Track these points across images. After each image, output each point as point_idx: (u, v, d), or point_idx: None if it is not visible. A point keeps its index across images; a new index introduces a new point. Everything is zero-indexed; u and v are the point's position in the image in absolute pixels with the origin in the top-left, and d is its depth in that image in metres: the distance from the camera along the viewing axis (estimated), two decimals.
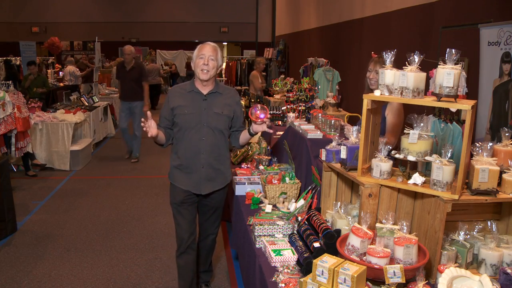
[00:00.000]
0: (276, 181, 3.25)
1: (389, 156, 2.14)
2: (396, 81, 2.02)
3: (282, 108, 4.75)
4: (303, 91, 4.51)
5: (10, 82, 6.34)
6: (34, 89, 8.32)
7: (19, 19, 18.56)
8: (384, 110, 3.08)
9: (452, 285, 1.78)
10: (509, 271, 1.83)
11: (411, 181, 2.03)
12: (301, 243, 2.38)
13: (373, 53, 3.17)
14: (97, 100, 9.34)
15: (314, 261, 1.82)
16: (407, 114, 2.16)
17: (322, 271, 1.77)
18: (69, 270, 3.81)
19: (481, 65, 3.83)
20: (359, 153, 2.16)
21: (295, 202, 3.02)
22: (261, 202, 3.21)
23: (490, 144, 2.03)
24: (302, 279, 1.85)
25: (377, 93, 2.08)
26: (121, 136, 7.82)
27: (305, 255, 2.22)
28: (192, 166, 2.91)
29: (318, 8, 10.31)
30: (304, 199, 2.98)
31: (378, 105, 2.21)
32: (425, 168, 2.25)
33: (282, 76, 9.45)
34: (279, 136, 4.29)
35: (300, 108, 4.42)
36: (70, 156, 6.87)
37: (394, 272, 1.80)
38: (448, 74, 1.90)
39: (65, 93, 9.00)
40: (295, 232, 2.59)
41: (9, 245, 4.27)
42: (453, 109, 2.67)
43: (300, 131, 3.63)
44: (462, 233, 2.07)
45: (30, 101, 7.34)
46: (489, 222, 2.07)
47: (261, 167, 3.80)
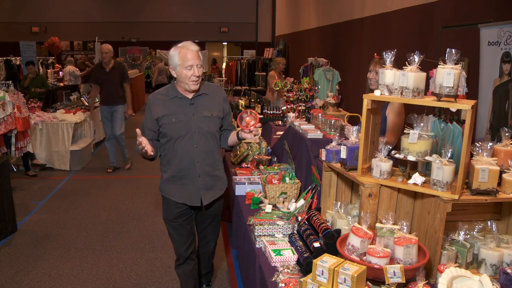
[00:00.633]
0: (276, 181, 3.24)
1: (389, 156, 2.14)
2: (396, 81, 2.02)
3: (282, 108, 4.75)
4: (303, 91, 4.50)
5: (10, 82, 6.34)
6: (32, 89, 8.32)
7: (19, 19, 18.54)
8: (385, 110, 3.08)
9: (452, 285, 1.78)
10: (509, 271, 1.83)
11: (411, 181, 2.03)
12: (301, 243, 2.38)
13: (375, 54, 3.17)
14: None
15: (314, 261, 1.82)
16: (407, 114, 2.16)
17: (322, 271, 1.77)
18: (69, 270, 3.81)
19: (481, 65, 3.83)
20: (359, 153, 2.16)
21: (295, 202, 3.01)
22: (261, 202, 3.20)
23: (490, 144, 2.03)
24: (302, 279, 1.85)
25: (377, 93, 2.08)
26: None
27: (305, 255, 2.22)
28: (187, 177, 2.74)
29: (318, 8, 10.31)
30: (304, 199, 2.98)
31: (378, 105, 2.21)
32: (425, 168, 2.25)
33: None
34: (279, 136, 4.29)
35: (300, 108, 4.42)
36: (70, 156, 6.88)
37: (394, 272, 1.80)
38: (448, 74, 1.90)
39: (65, 93, 9.01)
40: (295, 232, 2.59)
41: (9, 245, 4.27)
42: (453, 109, 2.68)
43: (300, 131, 3.62)
44: (462, 233, 2.07)
45: (30, 101, 7.35)
46: (489, 222, 2.07)
47: (261, 167, 3.80)
